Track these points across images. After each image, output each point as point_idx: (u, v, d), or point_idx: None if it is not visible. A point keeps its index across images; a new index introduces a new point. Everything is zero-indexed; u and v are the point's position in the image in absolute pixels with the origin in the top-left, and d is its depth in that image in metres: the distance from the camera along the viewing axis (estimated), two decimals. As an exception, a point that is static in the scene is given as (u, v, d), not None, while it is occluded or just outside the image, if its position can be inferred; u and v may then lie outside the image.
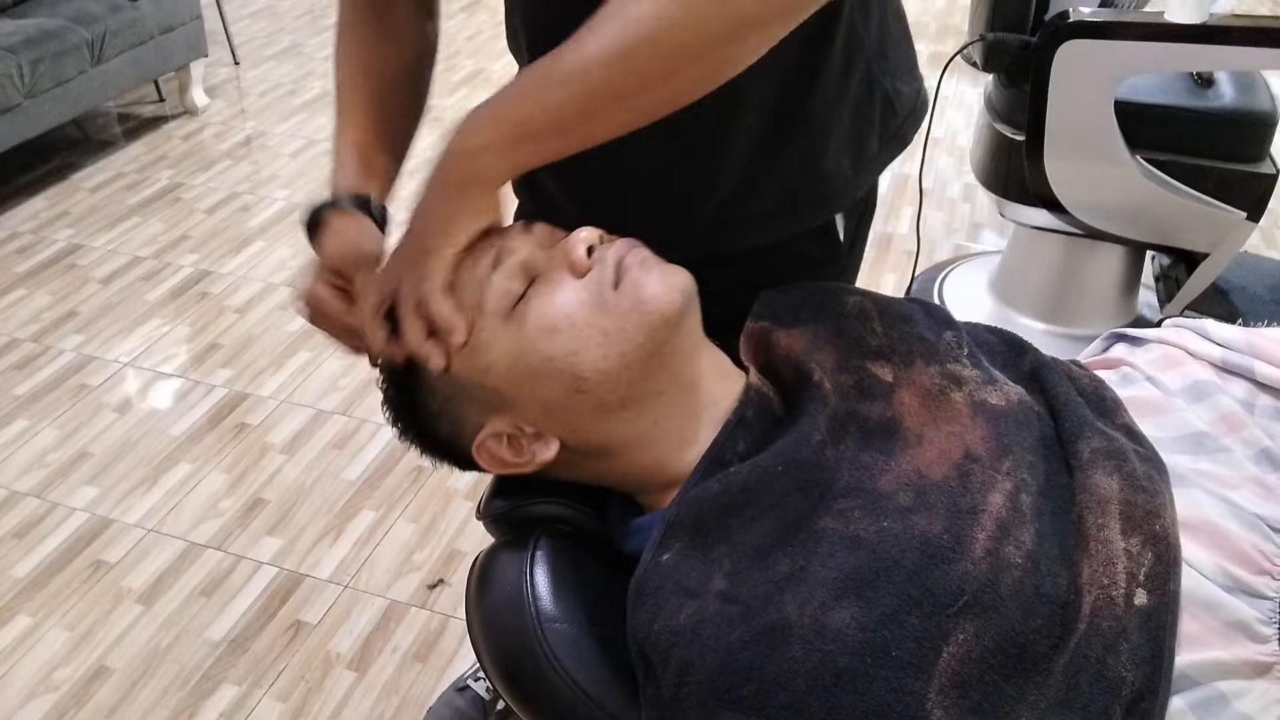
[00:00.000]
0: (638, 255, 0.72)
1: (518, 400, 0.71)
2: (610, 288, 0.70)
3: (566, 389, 0.70)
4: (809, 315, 0.80)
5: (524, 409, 0.72)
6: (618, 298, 0.69)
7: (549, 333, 0.69)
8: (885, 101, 0.88)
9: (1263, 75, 1.91)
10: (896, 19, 0.90)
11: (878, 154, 0.90)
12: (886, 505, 0.64)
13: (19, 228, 2.75)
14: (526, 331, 0.69)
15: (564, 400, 0.70)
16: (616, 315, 0.69)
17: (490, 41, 3.86)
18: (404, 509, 1.83)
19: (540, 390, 0.70)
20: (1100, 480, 0.66)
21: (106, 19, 2.93)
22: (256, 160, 3.11)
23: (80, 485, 1.89)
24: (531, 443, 0.73)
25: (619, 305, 0.69)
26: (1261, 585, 0.62)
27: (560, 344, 0.69)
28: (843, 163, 0.87)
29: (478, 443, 0.73)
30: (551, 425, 0.72)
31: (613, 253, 0.71)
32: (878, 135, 0.89)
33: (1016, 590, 0.59)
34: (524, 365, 0.70)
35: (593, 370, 0.69)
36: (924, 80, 0.96)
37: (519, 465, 0.74)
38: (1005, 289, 2.24)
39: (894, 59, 0.89)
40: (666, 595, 0.63)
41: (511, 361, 0.70)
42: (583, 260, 0.71)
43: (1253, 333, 0.80)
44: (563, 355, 0.69)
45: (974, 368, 0.75)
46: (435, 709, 1.45)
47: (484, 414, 0.73)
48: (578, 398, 0.70)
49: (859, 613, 0.58)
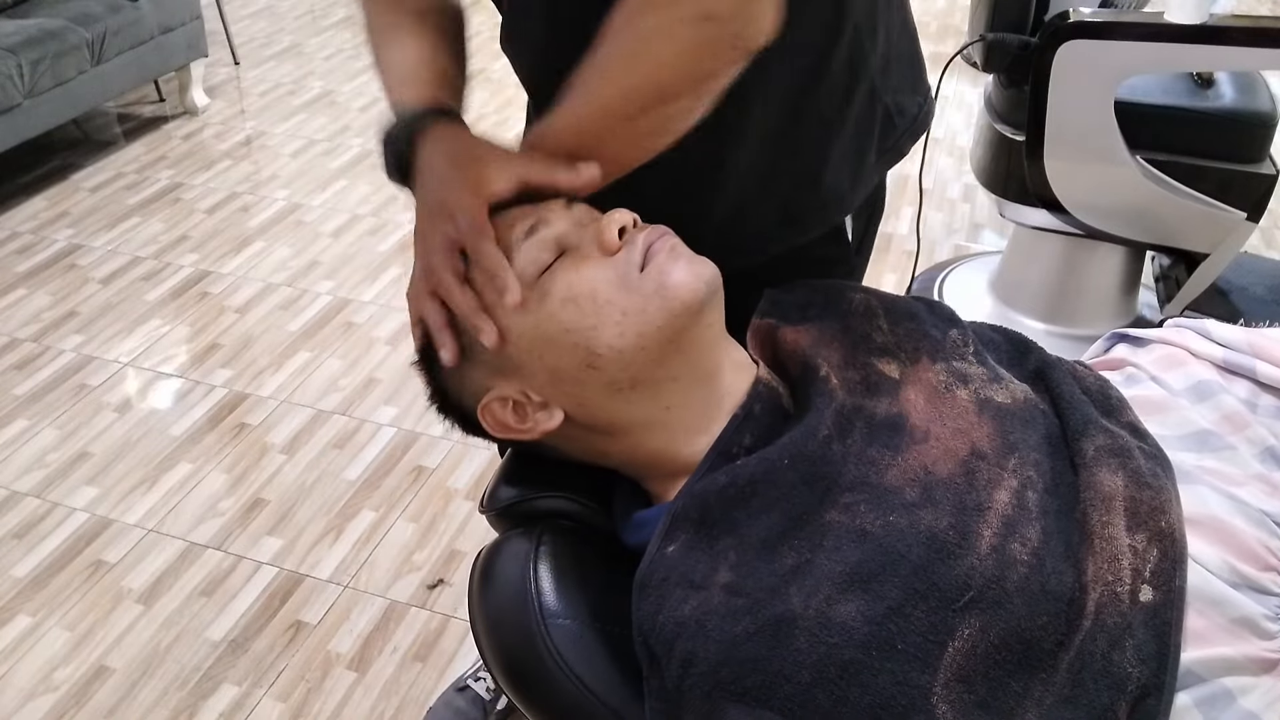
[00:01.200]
0: (667, 242, 0.72)
1: (527, 366, 0.72)
2: (636, 269, 0.70)
3: (579, 362, 0.70)
4: (815, 312, 0.80)
5: (532, 376, 0.72)
6: (642, 280, 0.70)
7: (569, 303, 0.70)
8: (886, 117, 0.88)
9: (1263, 75, 1.91)
10: (904, 35, 0.90)
11: (875, 165, 0.91)
12: (893, 500, 0.64)
13: (19, 228, 2.74)
14: (548, 300, 0.70)
15: (574, 373, 0.71)
16: (639, 296, 0.69)
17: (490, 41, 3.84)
18: (404, 509, 1.83)
19: (551, 359, 0.71)
20: (1105, 477, 0.66)
21: (106, 19, 2.92)
22: (256, 160, 3.10)
23: (80, 485, 1.89)
24: (536, 410, 0.73)
25: (642, 287, 0.70)
26: (1268, 581, 0.63)
27: (579, 316, 0.69)
28: (842, 177, 0.88)
29: (483, 404, 0.74)
30: (559, 396, 0.72)
31: (644, 237, 0.72)
32: (875, 149, 0.89)
33: (1022, 586, 0.59)
34: (540, 333, 0.70)
35: (607, 347, 0.69)
36: (930, 93, 0.95)
37: (521, 431, 0.74)
38: (1005, 289, 2.24)
39: (898, 75, 0.89)
40: (671, 587, 0.63)
41: (528, 328, 0.70)
42: (614, 240, 0.71)
43: (1254, 333, 0.81)
44: (580, 328, 0.69)
45: (980, 365, 0.75)
46: (435, 709, 1.45)
47: (491, 377, 0.73)
48: (588, 372, 0.70)
49: (865, 606, 0.58)
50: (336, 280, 2.50)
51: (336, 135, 3.22)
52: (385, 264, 2.57)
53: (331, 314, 2.37)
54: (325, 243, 2.66)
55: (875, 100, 0.86)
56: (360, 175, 2.99)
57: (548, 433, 0.74)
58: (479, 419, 0.75)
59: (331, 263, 2.57)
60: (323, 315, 2.37)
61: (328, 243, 2.66)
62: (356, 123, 3.31)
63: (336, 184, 2.94)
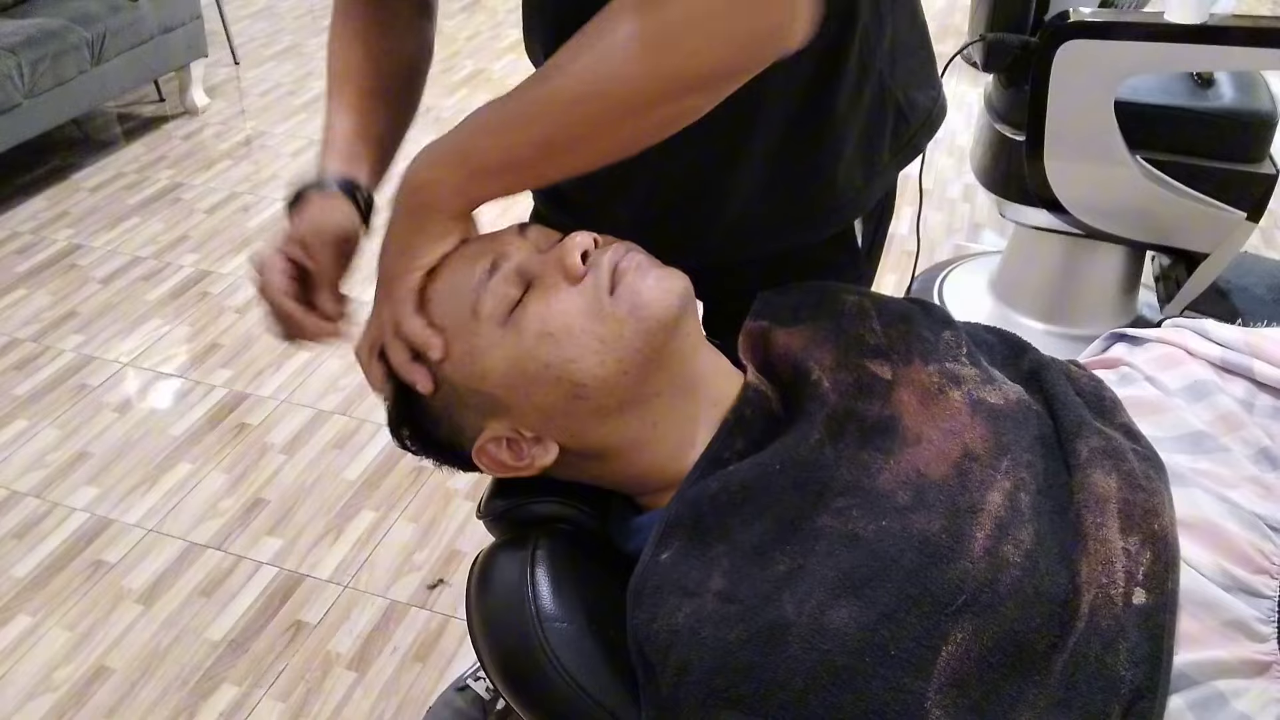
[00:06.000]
0: (633, 260, 0.71)
1: (515, 405, 0.71)
2: (606, 294, 0.69)
3: (564, 395, 0.69)
4: (808, 314, 0.79)
5: (522, 414, 0.71)
6: (614, 304, 0.68)
7: (546, 339, 0.68)
8: (897, 111, 0.87)
9: (1263, 75, 1.91)
10: (911, 26, 0.89)
11: (890, 163, 0.90)
12: (885, 504, 0.64)
13: (19, 228, 2.75)
14: (523, 338, 0.69)
15: (562, 405, 0.70)
16: (613, 322, 0.68)
17: (490, 42, 3.86)
18: (404, 509, 1.83)
19: (537, 396, 0.70)
20: (1098, 479, 0.66)
21: (106, 19, 2.93)
22: (256, 160, 3.11)
23: (80, 485, 1.89)
24: (531, 446, 0.72)
25: (615, 312, 0.68)
26: (1260, 584, 0.63)
27: (557, 351, 0.68)
28: (854, 173, 0.87)
29: (477, 447, 0.73)
30: (550, 429, 0.72)
31: (608, 257, 0.70)
32: (889, 145, 0.88)
33: (1015, 589, 0.59)
34: (521, 371, 0.69)
35: (590, 377, 0.68)
36: (942, 88, 0.94)
37: (519, 468, 0.73)
38: (1005, 289, 2.24)
39: (908, 68, 0.88)
40: (665, 594, 0.63)
41: (508, 367, 0.69)
42: (577, 266, 0.69)
43: (1252, 333, 0.81)
44: (560, 362, 0.68)
45: (973, 367, 0.75)
46: (435, 709, 1.45)
47: (482, 419, 0.73)
48: (576, 403, 0.70)
49: (858, 612, 0.58)
50: (336, 280, 2.50)
51: (337, 135, 3.22)
52: (385, 264, 2.56)
53: (331, 314, 2.37)
54: (325, 242, 2.66)
55: (885, 94, 0.86)
56: (360, 175, 2.98)
57: (545, 467, 0.73)
58: (476, 463, 0.74)
59: (331, 263, 2.57)
60: (323, 315, 2.37)
61: (328, 242, 2.66)
62: (357, 122, 3.30)
63: (337, 184, 2.94)
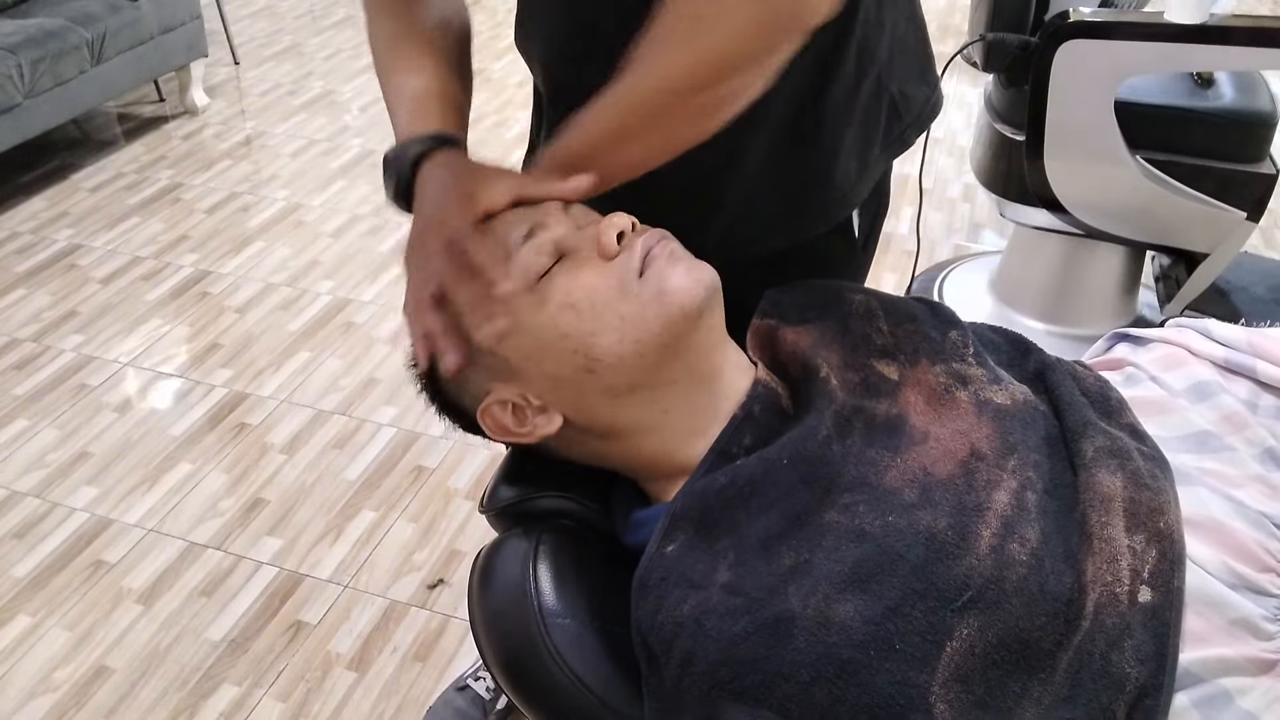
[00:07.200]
0: (666, 247, 0.72)
1: (526, 371, 0.72)
2: (635, 275, 0.70)
3: (577, 367, 0.70)
4: (815, 313, 0.80)
5: (531, 380, 0.72)
6: (640, 285, 0.70)
7: (568, 309, 0.70)
8: (891, 106, 0.88)
9: (1263, 75, 1.91)
10: (910, 22, 0.89)
11: (880, 157, 0.90)
12: (892, 501, 0.64)
13: (19, 228, 2.74)
14: (546, 306, 0.70)
15: (572, 377, 0.71)
16: (637, 303, 0.69)
17: (490, 42, 3.86)
18: (404, 509, 1.83)
19: (550, 365, 0.71)
20: (1104, 478, 0.66)
21: (106, 19, 2.92)
22: (256, 160, 3.10)
23: (80, 485, 1.89)
24: (535, 414, 0.73)
25: (641, 293, 0.70)
26: (1266, 583, 0.63)
27: (578, 323, 0.69)
28: (850, 168, 0.87)
29: (483, 407, 0.74)
30: (557, 400, 0.73)
31: (642, 241, 0.72)
32: (880, 140, 0.89)
33: (1021, 587, 0.59)
34: (538, 338, 0.70)
35: (606, 353, 0.69)
36: (939, 83, 0.94)
37: (521, 435, 0.74)
38: (1005, 289, 2.24)
39: (905, 64, 0.88)
40: (670, 586, 0.64)
41: (527, 333, 0.70)
42: (612, 244, 0.71)
43: (1255, 333, 0.81)
44: (579, 334, 0.69)
45: (979, 367, 0.75)
46: (435, 709, 1.45)
47: (490, 380, 0.73)
48: (587, 377, 0.71)
49: (863, 606, 0.58)
50: (336, 280, 2.50)
51: (336, 135, 3.22)
52: (385, 264, 2.57)
53: (331, 314, 2.37)
54: (325, 242, 2.66)
55: (881, 90, 0.86)
56: (360, 175, 2.99)
57: (547, 436, 0.74)
58: (478, 422, 0.75)
59: (331, 262, 2.57)
60: (323, 315, 2.37)
61: (328, 242, 2.66)
62: (356, 123, 3.31)
63: (336, 184, 2.94)
